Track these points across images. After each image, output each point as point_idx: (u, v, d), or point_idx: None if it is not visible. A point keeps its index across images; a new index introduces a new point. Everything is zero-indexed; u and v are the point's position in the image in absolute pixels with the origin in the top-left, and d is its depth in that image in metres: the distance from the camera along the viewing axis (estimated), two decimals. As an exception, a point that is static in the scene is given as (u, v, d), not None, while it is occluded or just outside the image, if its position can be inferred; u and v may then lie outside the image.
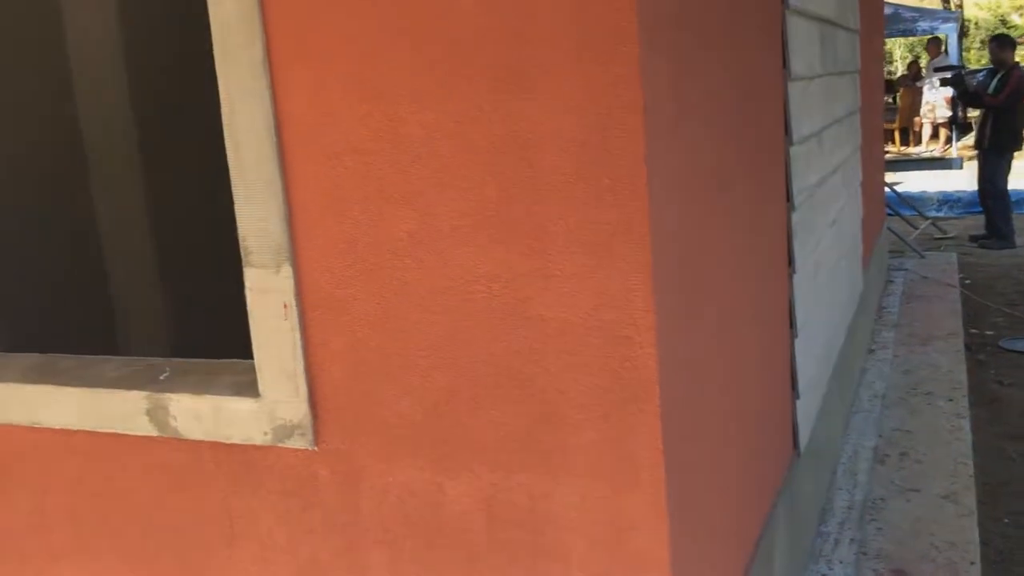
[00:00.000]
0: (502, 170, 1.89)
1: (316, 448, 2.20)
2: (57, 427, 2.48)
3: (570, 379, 1.92)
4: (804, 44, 3.45)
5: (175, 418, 2.33)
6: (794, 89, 3.23)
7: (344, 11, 1.96)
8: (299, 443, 2.20)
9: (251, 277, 2.16)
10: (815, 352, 3.71)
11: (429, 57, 1.90)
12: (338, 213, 2.06)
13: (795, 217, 3.29)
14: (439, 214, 1.96)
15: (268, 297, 2.15)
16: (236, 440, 2.27)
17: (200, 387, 2.33)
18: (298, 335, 2.14)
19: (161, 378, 2.43)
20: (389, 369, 2.08)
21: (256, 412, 2.23)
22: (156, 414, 2.35)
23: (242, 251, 2.16)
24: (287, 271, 2.12)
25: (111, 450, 2.44)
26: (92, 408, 2.42)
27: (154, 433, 2.36)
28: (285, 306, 2.14)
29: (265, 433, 2.23)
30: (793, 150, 3.24)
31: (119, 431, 2.40)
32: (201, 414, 2.30)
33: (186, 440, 2.33)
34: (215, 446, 2.31)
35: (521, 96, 1.84)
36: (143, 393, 2.36)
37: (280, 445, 2.22)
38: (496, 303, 1.95)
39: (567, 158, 1.83)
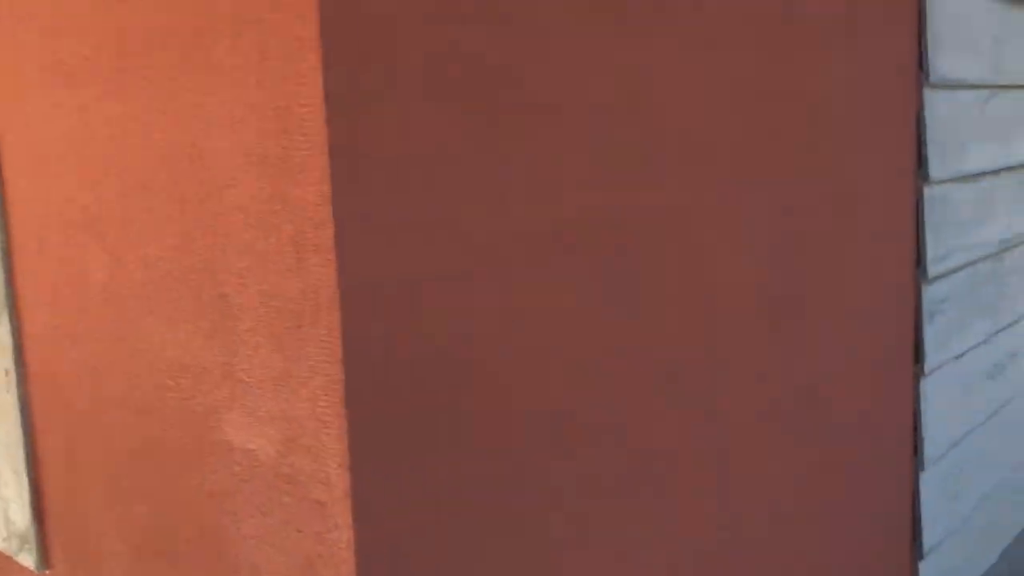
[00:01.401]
0: (184, 195, 1.16)
1: (47, 573, 1.57)
2: None
3: (263, 554, 1.14)
4: (977, 36, 2.34)
5: (-54, 495, 1.81)
6: (939, 100, 2.16)
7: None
8: (27, 561, 1.59)
9: (-20, 326, 1.58)
10: (977, 494, 2.55)
11: (107, 24, 1.22)
12: (44, 249, 1.42)
13: (933, 291, 2.21)
14: (127, 260, 1.27)
15: (-6, 356, 1.56)
16: (-16, 539, 1.70)
17: (-27, 460, 1.80)
18: (19, 414, 1.53)
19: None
20: (96, 484, 1.41)
21: (-5, 508, 1.65)
22: (-67, 486, 1.84)
23: (-26, 290, 1.59)
24: (6, 324, 1.52)
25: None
26: None
27: (-67, 509, 1.85)
28: (6, 372, 1.54)
29: (3, 539, 1.64)
30: (932, 192, 2.17)
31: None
32: (-39, 496, 1.76)
33: (-43, 525, 1.80)
34: (-22, 540, 1.75)
35: (199, 78, 1.10)
36: (-76, 456, 1.86)
37: (17, 559, 1.62)
38: (187, 411, 1.22)
39: (246, 183, 1.07)
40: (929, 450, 2.26)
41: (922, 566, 2.28)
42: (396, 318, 1.03)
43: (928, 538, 2.28)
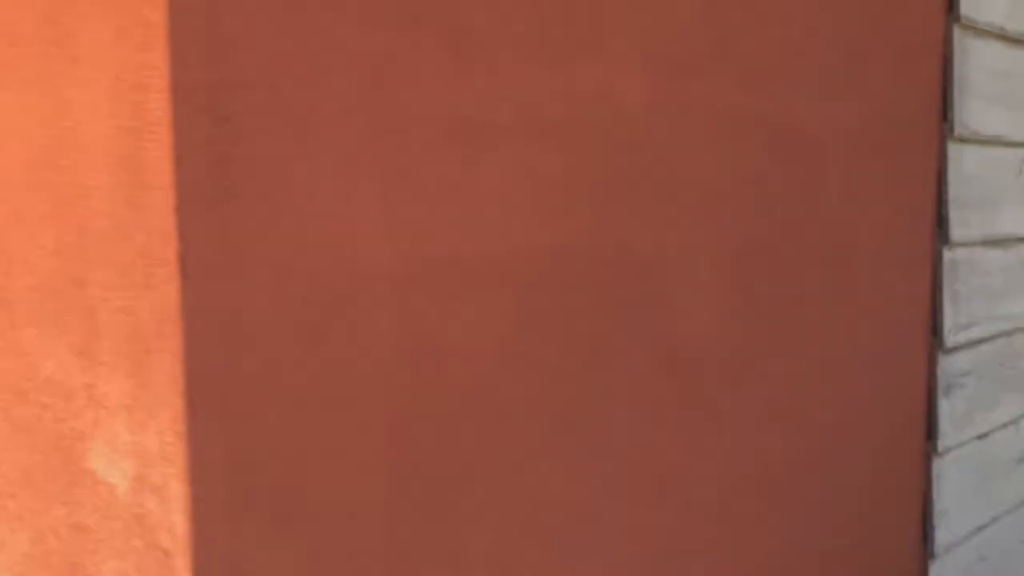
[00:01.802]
0: (56, 196, 1.06)
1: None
2: None
3: (116, 602, 1.03)
4: (1018, 91, 2.16)
5: None
6: (967, 156, 1.98)
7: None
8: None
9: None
10: None
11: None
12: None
13: (951, 363, 2.02)
14: (14, 264, 1.17)
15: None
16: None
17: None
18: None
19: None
20: (-14, 503, 1.32)
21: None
22: None
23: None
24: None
25: None
26: None
27: None
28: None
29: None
30: (954, 255, 1.99)
31: None
32: None
33: None
34: None
35: (67, 66, 1.01)
36: None
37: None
38: (59, 435, 1.11)
39: (109, 185, 0.96)
40: (942, 537, 2.06)
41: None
42: (250, 348, 0.91)
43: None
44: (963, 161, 1.98)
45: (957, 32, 1.93)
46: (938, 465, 2.03)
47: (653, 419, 1.35)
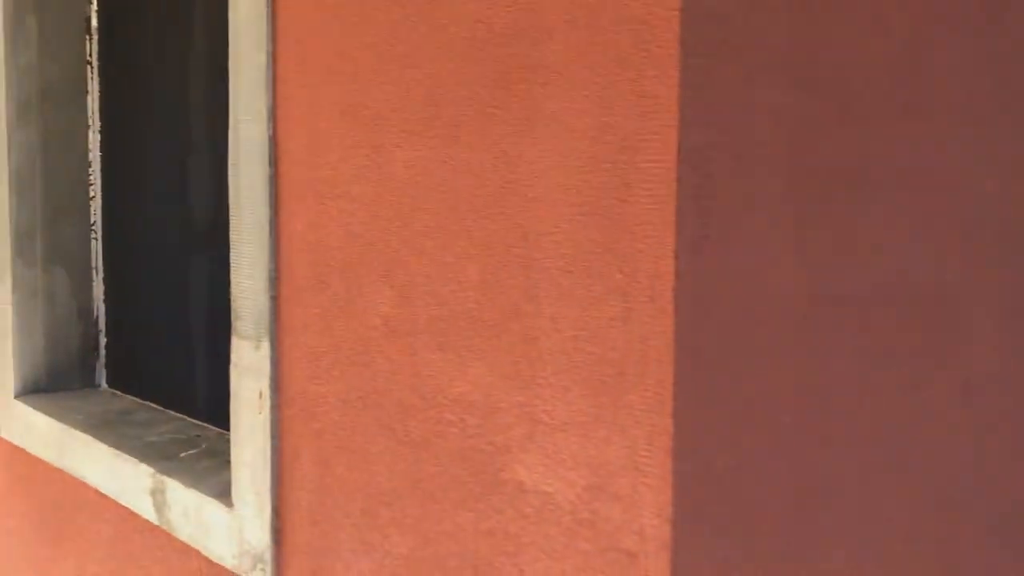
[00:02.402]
0: (489, 239, 1.20)
1: (279, 594, 1.62)
2: (93, 486, 2.15)
3: (548, 597, 1.15)
4: None
5: (171, 507, 1.88)
6: None
7: (338, 18, 1.41)
8: (261, 581, 1.63)
9: (236, 349, 1.65)
10: None
11: (416, 74, 1.28)
12: (319, 280, 1.48)
13: None
14: (416, 297, 1.31)
15: (248, 378, 1.63)
16: (212, 556, 1.76)
17: (200, 475, 1.87)
18: (269, 436, 1.59)
19: (182, 455, 2.00)
20: (350, 511, 1.45)
21: (228, 525, 1.71)
22: (157, 497, 1.92)
23: (232, 313, 1.66)
24: (266, 349, 1.58)
25: (129, 528, 2.05)
26: (112, 474, 2.06)
27: (154, 520, 1.93)
28: (260, 395, 1.60)
29: (235, 556, 1.70)
30: None
31: (133, 508, 2.01)
32: (188, 511, 1.82)
33: (179, 539, 1.87)
34: (201, 557, 1.81)
35: (517, 126, 1.14)
36: (151, 470, 1.94)
37: (247, 577, 1.68)
38: (471, 448, 1.25)
39: (568, 231, 1.09)
40: None
41: None
42: (714, 370, 1.04)
43: None
44: None
45: None
46: None
47: (950, 445, 1.46)
